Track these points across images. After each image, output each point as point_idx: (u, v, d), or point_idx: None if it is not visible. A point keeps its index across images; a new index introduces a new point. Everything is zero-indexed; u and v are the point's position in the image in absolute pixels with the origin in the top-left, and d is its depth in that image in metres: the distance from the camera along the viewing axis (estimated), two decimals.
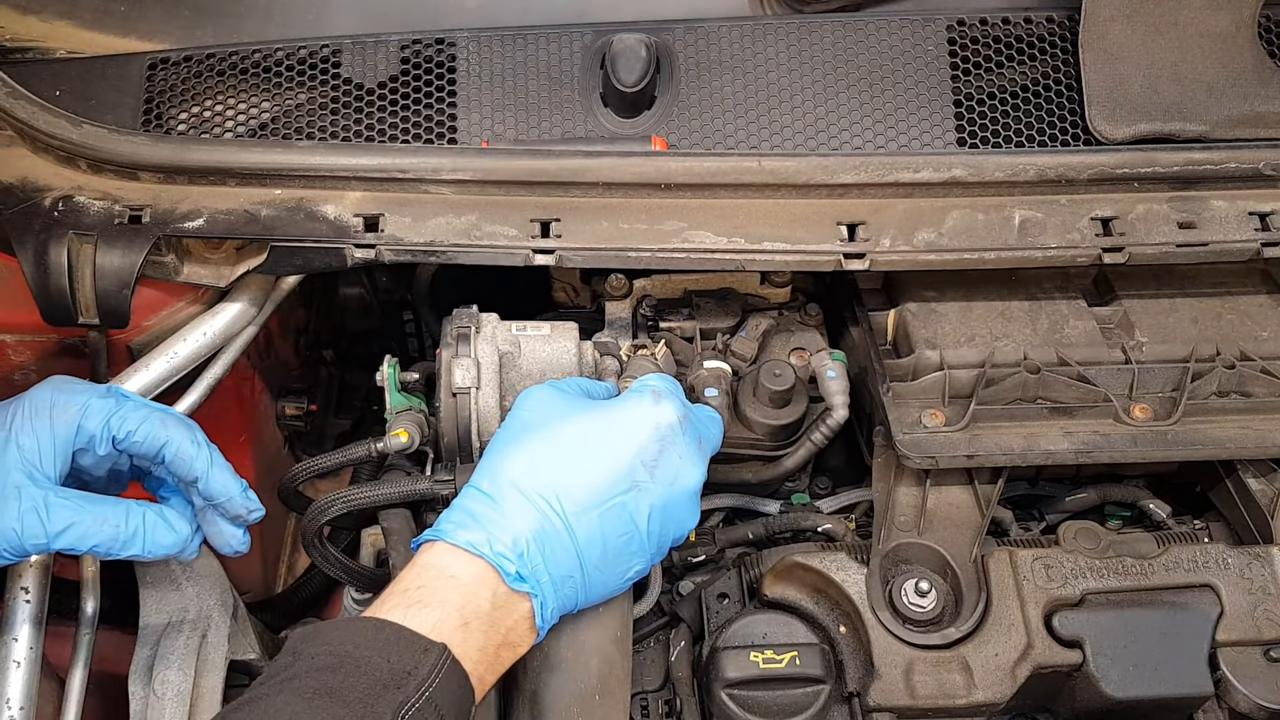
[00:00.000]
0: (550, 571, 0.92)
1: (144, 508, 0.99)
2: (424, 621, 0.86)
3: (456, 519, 0.94)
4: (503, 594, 0.90)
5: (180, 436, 1.01)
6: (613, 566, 0.96)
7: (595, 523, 0.94)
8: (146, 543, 0.99)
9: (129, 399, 1.02)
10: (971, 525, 1.13)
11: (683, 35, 1.24)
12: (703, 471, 1.02)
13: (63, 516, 0.95)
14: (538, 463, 0.95)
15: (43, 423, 0.97)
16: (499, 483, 0.94)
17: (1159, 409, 1.14)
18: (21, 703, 1.04)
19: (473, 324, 1.16)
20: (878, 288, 1.30)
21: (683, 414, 1.01)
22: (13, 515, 0.94)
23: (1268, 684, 1.05)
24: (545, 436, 0.97)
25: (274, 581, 1.59)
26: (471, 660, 0.87)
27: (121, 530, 0.97)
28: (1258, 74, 1.22)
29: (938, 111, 1.22)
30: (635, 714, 1.12)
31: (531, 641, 0.94)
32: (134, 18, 1.26)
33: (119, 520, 0.97)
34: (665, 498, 0.97)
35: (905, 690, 1.05)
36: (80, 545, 0.96)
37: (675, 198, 1.17)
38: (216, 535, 1.07)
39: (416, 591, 0.89)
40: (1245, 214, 1.18)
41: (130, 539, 0.98)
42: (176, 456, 1.01)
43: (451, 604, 0.88)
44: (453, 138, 1.21)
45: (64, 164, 1.17)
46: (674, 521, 0.99)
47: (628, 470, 0.96)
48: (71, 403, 0.99)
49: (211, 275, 1.19)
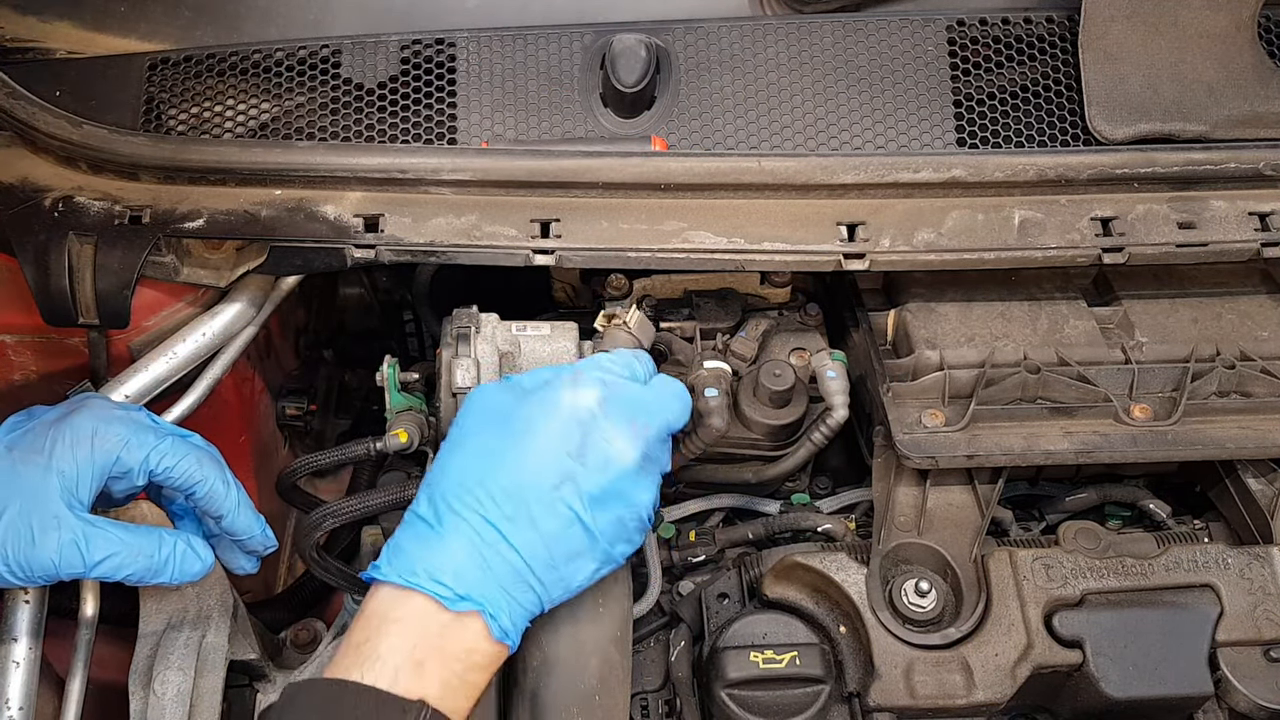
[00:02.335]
0: (499, 582, 0.90)
1: (174, 537, 1.00)
2: (382, 675, 0.85)
3: (389, 553, 0.93)
4: (447, 620, 0.89)
5: (214, 476, 1.03)
6: (565, 563, 0.93)
7: (534, 524, 0.91)
8: (175, 571, 1.00)
9: (167, 433, 1.03)
10: (971, 525, 1.13)
11: (682, 35, 1.24)
12: (638, 447, 0.96)
13: (101, 549, 0.96)
14: (463, 475, 0.93)
15: (83, 451, 0.98)
16: (434, 503, 0.93)
17: (1159, 409, 1.14)
18: (21, 703, 1.05)
19: (473, 324, 1.16)
20: (878, 288, 1.30)
21: (601, 394, 0.97)
22: (52, 546, 0.94)
23: (1268, 684, 1.05)
24: (468, 446, 0.96)
25: (274, 581, 1.59)
26: (436, 695, 0.86)
27: (155, 560, 0.99)
28: (1258, 74, 1.22)
29: (938, 111, 1.22)
30: (635, 714, 1.12)
31: (502, 654, 0.92)
32: (134, 18, 1.26)
33: (153, 550, 0.99)
34: (600, 483, 0.94)
35: (905, 690, 1.05)
36: (115, 575, 0.98)
37: (675, 198, 1.17)
38: (229, 560, 1.10)
39: (365, 645, 0.88)
40: (1245, 214, 1.18)
41: (161, 567, 0.99)
42: (208, 495, 1.03)
43: (399, 650, 0.87)
44: (453, 138, 1.21)
45: (64, 164, 1.17)
46: (616, 504, 0.95)
47: (553, 463, 0.93)
48: (112, 434, 0.99)
49: (211, 275, 1.19)
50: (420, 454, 1.17)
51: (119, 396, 1.15)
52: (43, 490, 0.95)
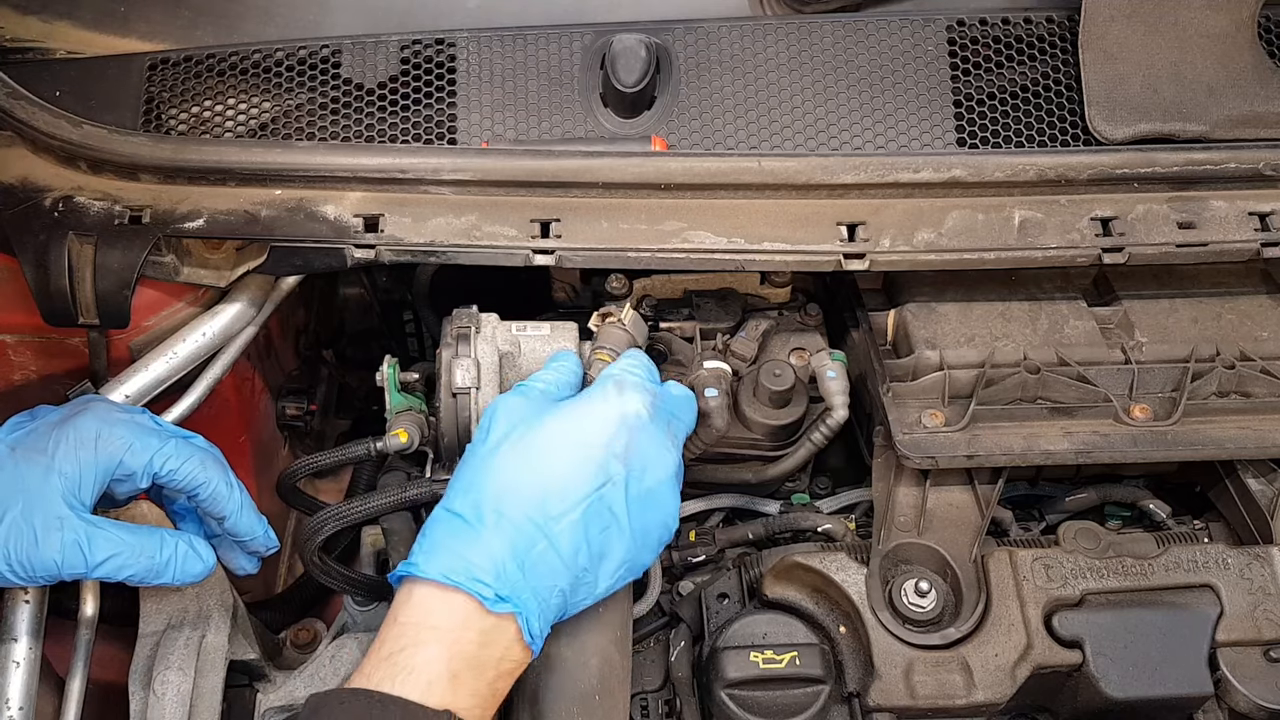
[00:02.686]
0: (533, 584, 0.90)
1: (175, 538, 1.00)
2: (414, 687, 0.84)
3: (428, 548, 0.92)
4: (488, 625, 0.88)
5: (217, 478, 1.03)
6: (597, 565, 0.94)
7: (578, 525, 0.92)
8: (177, 572, 1.00)
9: (170, 435, 1.03)
10: (971, 525, 1.13)
11: (682, 35, 1.24)
12: (676, 456, 1.00)
13: (103, 549, 0.96)
14: (510, 476, 0.94)
15: (87, 453, 0.98)
16: (472, 501, 0.92)
17: (1159, 409, 1.14)
18: (21, 703, 1.04)
19: (473, 324, 1.16)
20: (878, 288, 1.30)
21: (648, 401, 0.99)
22: (54, 546, 0.94)
23: (1268, 684, 1.05)
24: (513, 449, 0.96)
25: (274, 581, 1.59)
26: (465, 707, 0.86)
27: (156, 561, 0.99)
28: (1258, 74, 1.22)
29: (938, 111, 1.22)
30: (635, 714, 1.12)
31: (527, 659, 0.92)
32: (134, 18, 1.26)
33: (154, 551, 0.99)
34: (641, 487, 0.96)
35: (905, 690, 1.05)
36: (116, 575, 0.98)
37: (675, 198, 1.17)
38: (230, 560, 1.11)
39: (400, 655, 0.86)
40: (1245, 214, 1.18)
41: (163, 569, 0.99)
42: (211, 497, 1.03)
43: (437, 660, 0.86)
44: (453, 138, 1.21)
45: (64, 164, 1.17)
46: (653, 509, 0.97)
47: (600, 466, 0.94)
48: (116, 436, 0.99)
49: (211, 275, 1.19)
50: (420, 454, 1.17)
51: (119, 396, 1.15)
52: (45, 491, 0.95)
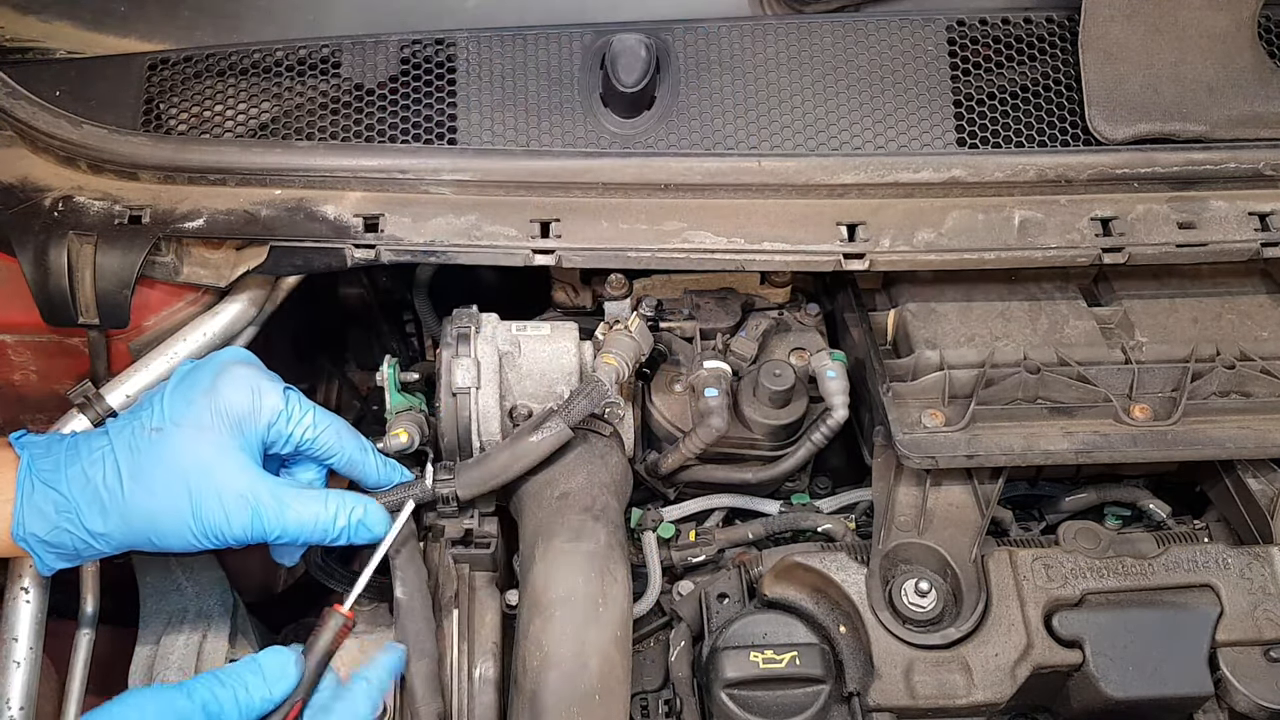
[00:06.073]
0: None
1: (349, 508, 1.01)
2: None
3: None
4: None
5: (351, 445, 1.05)
6: None
7: None
8: (349, 538, 1.02)
9: (308, 406, 1.04)
10: (971, 525, 1.13)
11: (682, 35, 1.24)
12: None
13: (288, 523, 0.98)
14: None
15: (251, 425, 1.00)
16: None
17: (1159, 409, 1.14)
18: (21, 702, 1.05)
19: (473, 324, 1.16)
20: (878, 288, 1.30)
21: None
22: (242, 521, 0.97)
23: (1268, 684, 1.05)
24: None
25: (274, 581, 1.59)
26: None
27: (330, 534, 1.00)
28: (1258, 74, 1.22)
29: (938, 111, 1.22)
30: (635, 714, 1.12)
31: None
32: (134, 18, 1.26)
33: (328, 526, 1.00)
34: None
35: (905, 690, 1.05)
36: (295, 542, 1.00)
37: (675, 198, 1.17)
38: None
39: None
40: (1245, 214, 1.18)
41: (337, 538, 1.01)
42: (348, 463, 1.06)
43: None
44: (453, 138, 1.21)
45: (64, 164, 1.17)
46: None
47: None
48: (268, 406, 1.01)
49: (211, 275, 1.19)
50: (420, 453, 1.17)
51: (119, 396, 1.15)
52: (226, 465, 0.97)
